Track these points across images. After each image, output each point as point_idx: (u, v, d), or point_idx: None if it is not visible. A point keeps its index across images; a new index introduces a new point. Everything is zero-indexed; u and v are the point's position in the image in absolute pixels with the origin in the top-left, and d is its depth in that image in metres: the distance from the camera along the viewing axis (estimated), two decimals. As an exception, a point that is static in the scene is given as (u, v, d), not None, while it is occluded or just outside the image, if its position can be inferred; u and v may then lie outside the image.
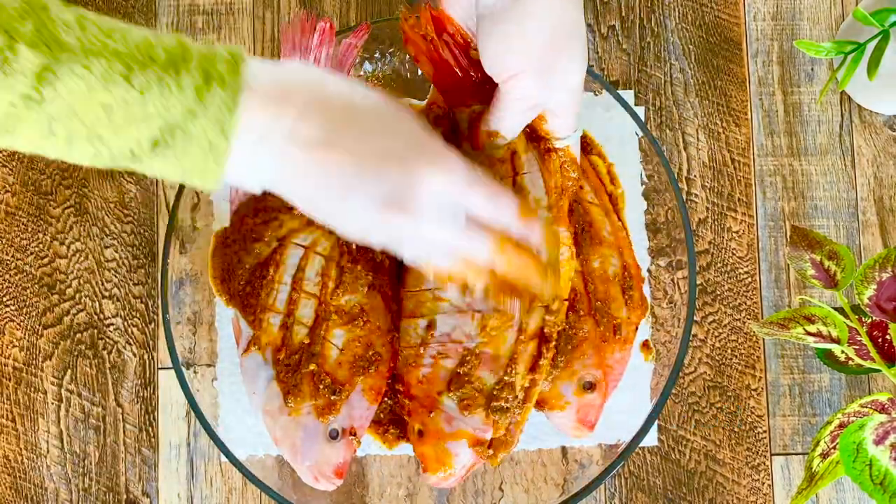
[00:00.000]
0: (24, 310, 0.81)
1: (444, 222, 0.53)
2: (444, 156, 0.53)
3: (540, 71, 0.58)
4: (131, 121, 0.47)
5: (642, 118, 0.82)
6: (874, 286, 0.66)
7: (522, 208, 0.56)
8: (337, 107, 0.51)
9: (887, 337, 0.69)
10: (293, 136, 0.50)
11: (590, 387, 0.70)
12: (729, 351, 0.80)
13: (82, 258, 0.81)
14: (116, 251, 0.81)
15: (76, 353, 0.80)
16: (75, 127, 0.47)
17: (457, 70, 0.65)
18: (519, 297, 0.62)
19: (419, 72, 0.67)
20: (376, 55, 0.76)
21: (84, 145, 0.48)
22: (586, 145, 0.77)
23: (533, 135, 0.66)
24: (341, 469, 0.68)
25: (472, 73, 0.65)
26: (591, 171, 0.76)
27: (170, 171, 0.50)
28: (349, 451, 0.68)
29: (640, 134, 0.74)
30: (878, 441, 0.61)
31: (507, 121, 0.63)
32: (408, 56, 0.66)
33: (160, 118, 0.47)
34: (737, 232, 0.82)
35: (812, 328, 0.67)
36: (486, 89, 0.65)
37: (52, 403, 0.80)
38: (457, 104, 0.66)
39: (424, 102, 0.71)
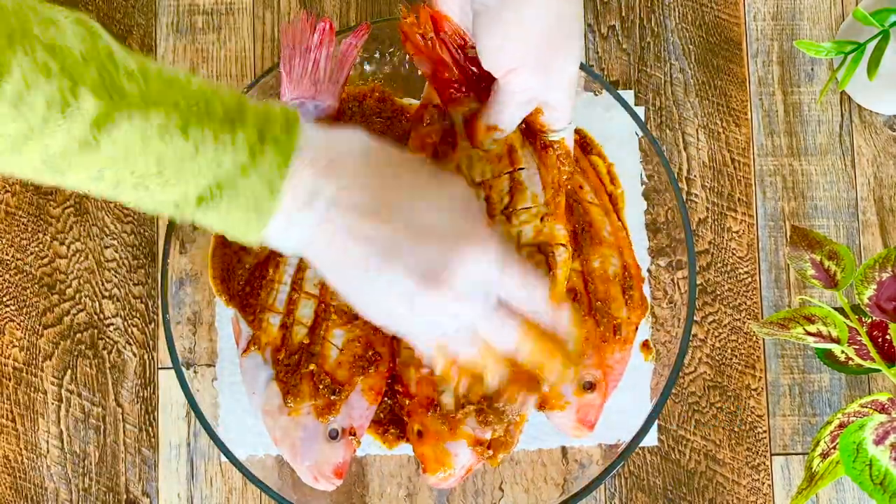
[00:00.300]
0: (24, 310, 0.81)
1: (476, 302, 0.52)
2: (482, 236, 0.52)
3: (537, 64, 0.58)
4: (181, 174, 0.46)
5: (642, 118, 0.82)
6: (874, 286, 0.66)
7: (553, 293, 0.55)
8: (385, 176, 0.51)
9: (887, 337, 0.69)
10: (338, 202, 0.49)
11: (590, 387, 0.70)
12: (729, 351, 0.80)
13: (82, 258, 0.81)
14: (116, 251, 0.81)
15: (76, 353, 0.80)
16: (124, 175, 0.46)
17: (454, 68, 0.65)
18: (533, 393, 0.57)
19: (419, 71, 0.67)
20: (376, 55, 0.76)
21: (129, 192, 0.47)
22: (586, 145, 0.77)
23: (529, 131, 0.66)
24: (341, 469, 0.67)
25: (469, 71, 0.65)
26: (591, 171, 0.76)
27: (211, 223, 0.49)
28: (349, 451, 0.68)
29: (640, 134, 0.74)
30: (878, 441, 0.61)
31: (505, 114, 0.63)
32: (407, 56, 0.66)
33: (211, 173, 0.47)
34: (737, 232, 0.82)
35: (812, 328, 0.67)
36: (482, 87, 0.65)
37: (52, 403, 0.80)
38: (453, 102, 0.66)
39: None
